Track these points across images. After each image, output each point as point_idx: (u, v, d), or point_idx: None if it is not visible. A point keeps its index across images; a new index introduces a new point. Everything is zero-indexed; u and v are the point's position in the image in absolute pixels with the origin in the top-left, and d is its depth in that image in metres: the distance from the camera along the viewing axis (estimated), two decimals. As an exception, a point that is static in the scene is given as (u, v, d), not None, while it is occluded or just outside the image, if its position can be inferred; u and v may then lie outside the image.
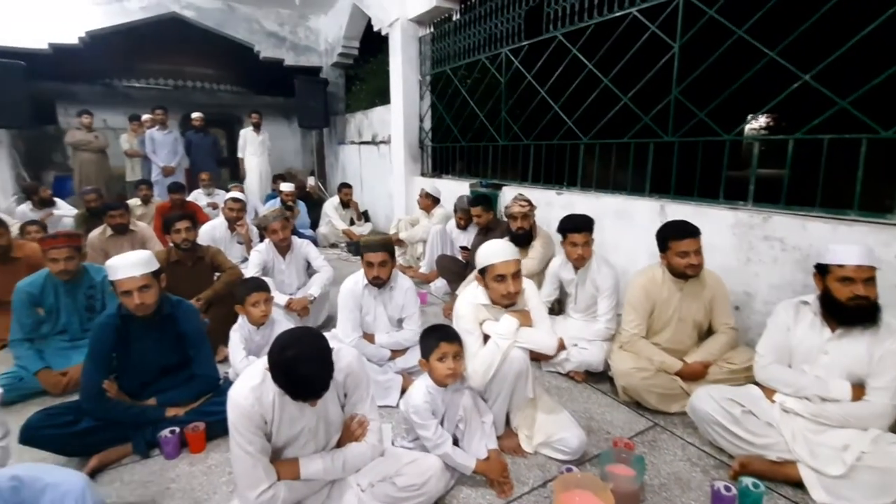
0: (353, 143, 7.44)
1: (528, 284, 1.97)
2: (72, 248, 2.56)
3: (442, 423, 1.76)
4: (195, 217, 3.20)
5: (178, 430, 1.96)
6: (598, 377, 2.59)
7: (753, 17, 2.54)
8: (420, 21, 5.35)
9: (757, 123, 7.86)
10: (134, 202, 5.33)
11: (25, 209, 5.29)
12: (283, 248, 3.16)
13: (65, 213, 5.32)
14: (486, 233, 3.64)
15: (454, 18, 5.01)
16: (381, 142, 6.32)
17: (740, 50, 2.56)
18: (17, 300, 2.56)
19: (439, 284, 3.75)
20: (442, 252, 3.93)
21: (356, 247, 5.30)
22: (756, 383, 1.96)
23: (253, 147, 7.14)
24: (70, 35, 6.53)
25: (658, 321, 2.36)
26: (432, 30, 5.35)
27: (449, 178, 5.19)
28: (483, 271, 1.85)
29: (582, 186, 3.63)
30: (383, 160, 6.32)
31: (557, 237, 2.75)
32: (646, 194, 3.15)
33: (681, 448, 2.00)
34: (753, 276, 2.54)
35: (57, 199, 5.56)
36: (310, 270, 3.41)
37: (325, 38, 8.13)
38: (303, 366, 1.28)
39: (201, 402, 2.08)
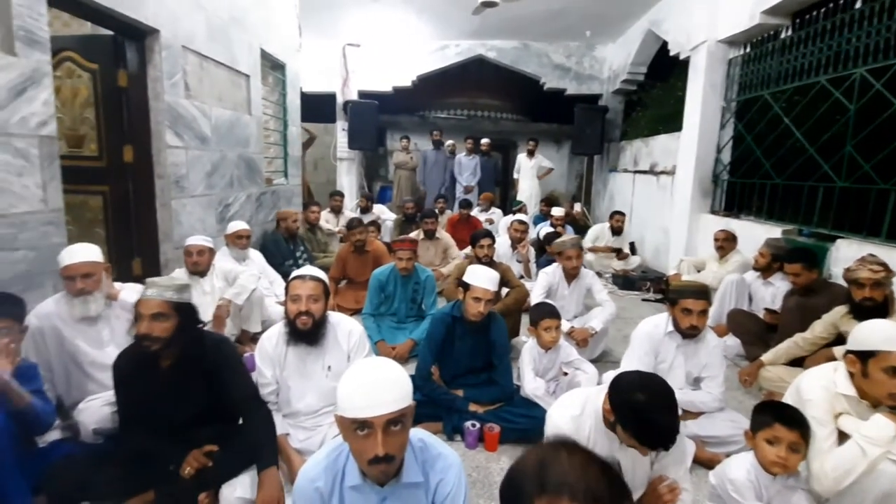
0: (626, 171, 7.23)
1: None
2: (412, 251, 3.26)
3: (766, 518, 1.51)
4: (494, 236, 3.62)
5: (478, 425, 2.24)
6: None
7: None
8: (733, 42, 4.82)
9: None
10: (430, 212, 6.44)
11: (357, 212, 7.03)
12: (571, 275, 3.28)
13: (387, 217, 6.81)
14: (803, 294, 2.98)
15: (782, 36, 4.32)
16: (662, 172, 5.94)
17: None
18: (371, 284, 3.40)
19: (730, 343, 3.27)
20: (737, 306, 3.42)
21: (623, 280, 5.12)
22: None
23: (525, 171, 7.74)
24: (406, 79, 8.39)
25: None
26: (748, 50, 4.74)
27: (749, 219, 4.47)
28: (865, 355, 1.50)
29: None
30: (662, 192, 5.92)
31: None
32: None
33: None
34: None
35: (377, 206, 7.19)
36: (587, 301, 3.46)
37: (610, 65, 8.16)
38: (656, 413, 1.28)
39: (496, 406, 2.34)
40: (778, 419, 1.47)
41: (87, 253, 2.09)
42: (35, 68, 2.28)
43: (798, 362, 2.64)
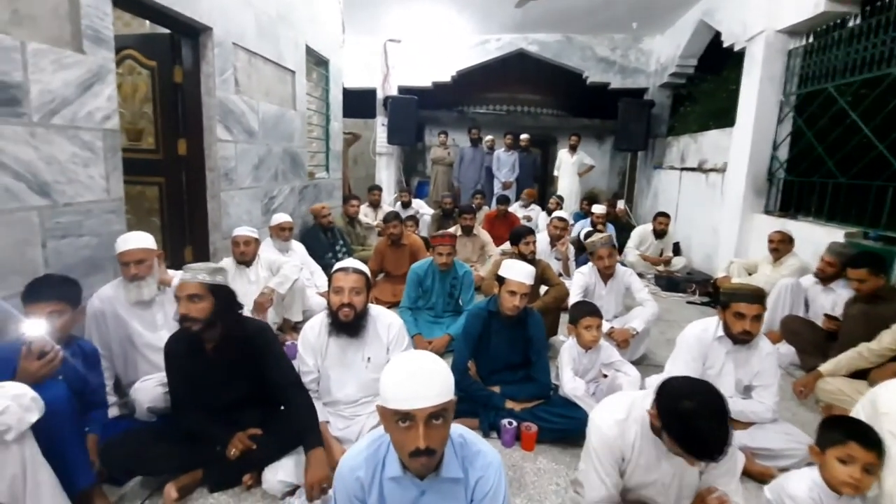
0: (672, 168, 6.95)
1: None
2: (451, 246, 3.26)
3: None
4: (535, 233, 3.56)
5: (515, 423, 2.22)
6: None
7: None
8: (794, 31, 4.54)
9: None
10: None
11: (398, 207, 7.09)
12: (607, 275, 3.20)
13: (424, 211, 6.84)
14: (868, 302, 2.77)
15: (849, 24, 4.03)
16: (712, 169, 5.67)
17: None
18: (409, 278, 3.42)
19: (784, 351, 3.09)
20: (791, 311, 3.23)
21: (667, 282, 4.94)
22: None
23: (566, 167, 7.58)
24: (445, 74, 8.36)
25: None
26: (811, 40, 4.45)
27: (807, 220, 4.20)
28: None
29: None
30: (712, 190, 5.65)
31: None
32: None
33: None
34: None
35: (416, 200, 7.21)
36: (626, 301, 3.36)
37: (657, 58, 7.85)
38: (704, 422, 1.22)
39: (534, 404, 2.31)
40: (853, 437, 1.37)
41: (141, 240, 2.19)
42: (101, 65, 2.41)
43: (860, 374, 2.46)
